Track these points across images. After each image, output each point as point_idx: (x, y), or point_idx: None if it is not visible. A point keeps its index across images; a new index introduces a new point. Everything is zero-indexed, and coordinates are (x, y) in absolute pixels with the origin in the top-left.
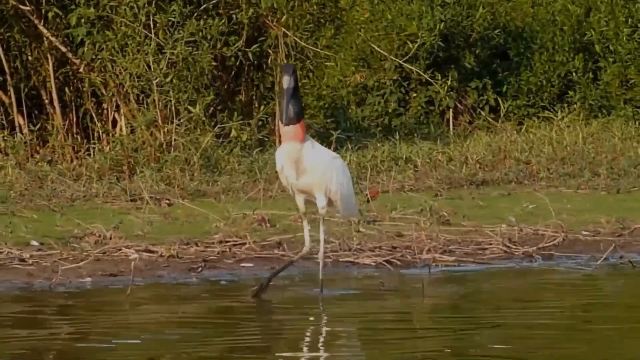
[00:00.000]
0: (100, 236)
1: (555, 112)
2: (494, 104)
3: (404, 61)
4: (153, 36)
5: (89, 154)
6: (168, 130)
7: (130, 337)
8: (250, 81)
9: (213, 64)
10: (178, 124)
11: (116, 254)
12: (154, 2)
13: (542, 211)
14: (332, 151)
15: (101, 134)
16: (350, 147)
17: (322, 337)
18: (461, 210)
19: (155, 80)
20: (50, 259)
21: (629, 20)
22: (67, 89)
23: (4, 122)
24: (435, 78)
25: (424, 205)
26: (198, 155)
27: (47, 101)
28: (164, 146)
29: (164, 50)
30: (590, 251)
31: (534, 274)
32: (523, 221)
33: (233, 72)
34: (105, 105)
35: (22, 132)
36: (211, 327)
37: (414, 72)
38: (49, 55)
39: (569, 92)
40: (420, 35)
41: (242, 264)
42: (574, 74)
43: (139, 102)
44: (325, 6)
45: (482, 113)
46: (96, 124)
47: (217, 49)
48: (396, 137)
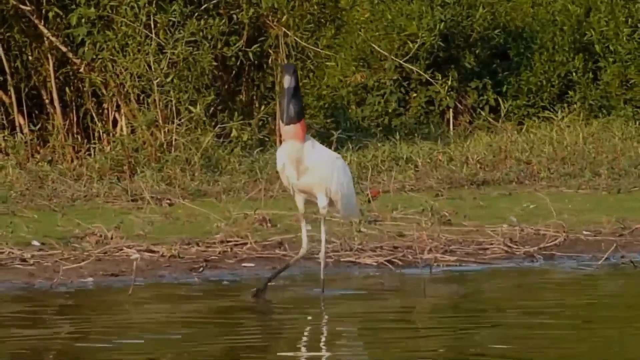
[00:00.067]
0: (101, 236)
1: (555, 112)
2: (494, 104)
3: (404, 61)
4: (154, 36)
5: (89, 154)
6: (169, 130)
7: (132, 337)
8: (251, 81)
9: (214, 63)
10: (179, 124)
11: (117, 254)
12: (155, 2)
13: (543, 211)
14: (333, 151)
15: (102, 133)
16: (351, 147)
17: (323, 336)
18: (462, 210)
19: (156, 80)
20: (52, 259)
21: (629, 20)
22: (67, 89)
23: (5, 122)
24: (435, 78)
25: (425, 205)
26: (199, 155)
27: (47, 101)
28: (165, 146)
29: (164, 50)
30: (592, 251)
31: (535, 274)
32: (524, 221)
33: (234, 72)
34: (105, 105)
35: (22, 132)
36: (212, 326)
37: (414, 72)
38: (49, 55)
39: (569, 92)
40: (421, 35)
41: (244, 264)
42: (574, 74)
43: (139, 102)
44: (325, 6)
45: (482, 113)
46: (97, 123)
47: (217, 48)
48: (396, 137)
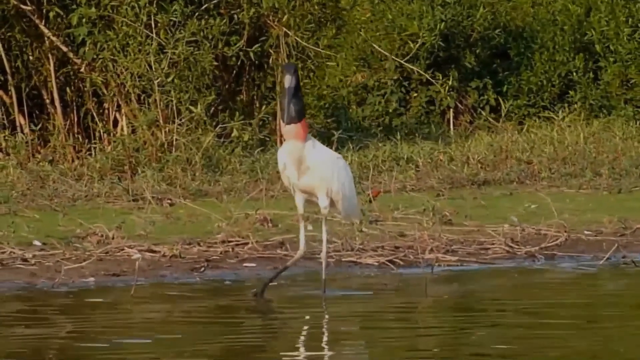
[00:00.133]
0: (102, 236)
1: (555, 112)
2: (495, 103)
3: (405, 61)
4: (154, 36)
5: (90, 154)
6: (169, 130)
7: (133, 337)
8: (252, 81)
9: (214, 63)
10: (179, 124)
11: (119, 254)
12: (155, 1)
13: (544, 211)
14: (334, 151)
15: (102, 133)
16: (352, 147)
17: (325, 336)
18: (463, 210)
19: (157, 80)
20: (53, 258)
21: (630, 20)
22: (68, 89)
23: (5, 122)
24: (435, 78)
25: (426, 205)
26: (199, 155)
27: (48, 101)
28: (166, 146)
29: (165, 50)
30: (593, 251)
31: (536, 274)
32: (525, 221)
33: (234, 72)
34: (106, 105)
35: (23, 132)
36: (213, 326)
37: (414, 72)
38: (50, 55)
39: (570, 92)
40: (422, 35)
41: (245, 264)
42: (574, 73)
43: (140, 102)
44: (326, 6)
45: (483, 113)
46: (97, 123)
47: (218, 48)
48: (397, 137)
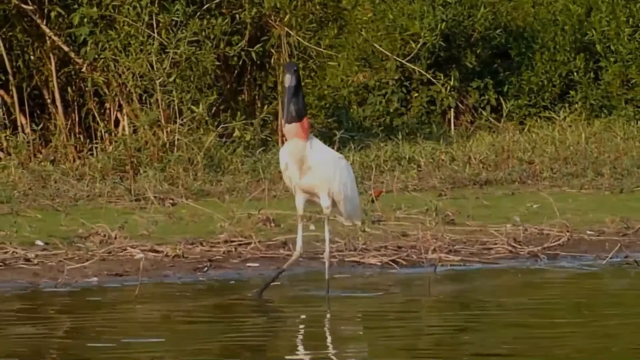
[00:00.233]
0: (105, 236)
1: (556, 112)
2: (495, 103)
3: (406, 61)
4: (156, 36)
5: (91, 154)
6: (171, 130)
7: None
8: (253, 81)
9: (216, 63)
10: (181, 124)
11: (121, 253)
12: (157, 1)
13: (546, 211)
14: (336, 152)
15: (103, 133)
16: (353, 147)
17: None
18: (465, 210)
19: (158, 80)
20: (56, 258)
21: (630, 20)
22: (69, 89)
23: (7, 122)
24: (436, 78)
25: (429, 205)
26: (201, 155)
27: (49, 101)
28: (167, 146)
29: (167, 50)
30: (595, 251)
31: (539, 274)
32: (527, 221)
33: (236, 72)
34: (107, 105)
35: (24, 131)
36: (216, 326)
37: (416, 71)
38: (51, 55)
39: (570, 91)
40: (423, 35)
41: (248, 264)
42: (575, 73)
43: (141, 102)
44: (327, 6)
45: (484, 113)
46: (99, 123)
47: (220, 48)
48: (398, 137)
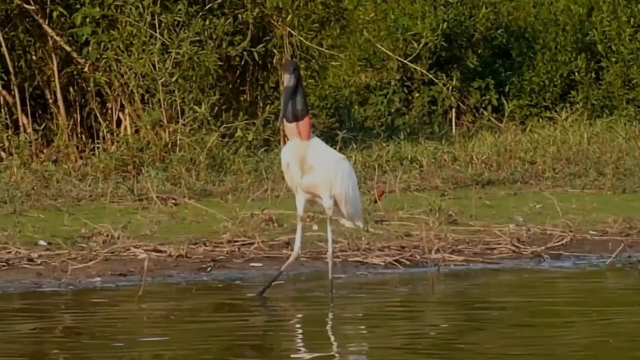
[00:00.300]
0: (108, 236)
1: (557, 112)
2: (496, 103)
3: (408, 61)
4: (158, 35)
5: (93, 154)
6: (173, 130)
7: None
8: (255, 81)
9: (218, 63)
10: (183, 124)
11: (125, 253)
12: (159, 1)
13: (549, 211)
14: (338, 152)
15: (105, 133)
16: (355, 147)
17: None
18: (468, 210)
19: (161, 80)
20: (59, 258)
21: (631, 20)
22: (71, 89)
23: (8, 122)
24: (438, 78)
25: (432, 205)
26: (204, 155)
27: (51, 101)
28: (169, 146)
29: (169, 50)
30: (599, 251)
31: (542, 274)
32: (530, 221)
33: (238, 72)
34: (109, 105)
35: (26, 131)
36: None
37: (417, 71)
38: (53, 55)
39: (572, 92)
40: (425, 35)
41: (252, 264)
42: (576, 73)
43: (143, 102)
44: (329, 6)
45: (485, 113)
46: (101, 123)
47: (222, 48)
48: (400, 137)
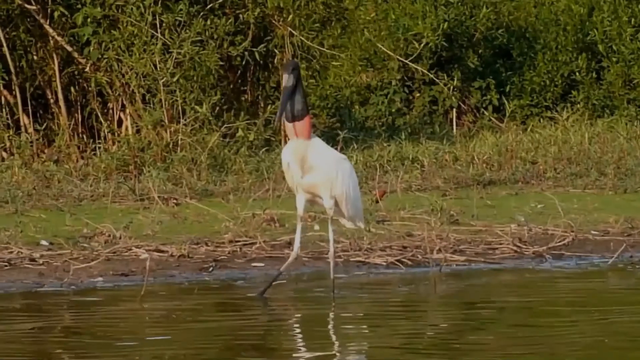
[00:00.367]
0: (110, 236)
1: (558, 112)
2: (497, 103)
3: (409, 61)
4: (159, 36)
5: (94, 154)
6: (174, 130)
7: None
8: (257, 81)
9: (219, 63)
10: (184, 124)
11: (127, 253)
12: (161, 1)
13: (550, 211)
14: (339, 152)
15: (107, 133)
16: (356, 147)
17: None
18: (470, 210)
19: (162, 80)
20: (61, 258)
21: (632, 20)
22: (72, 89)
23: (10, 122)
24: (439, 78)
25: (434, 205)
26: (205, 155)
27: (52, 101)
28: (171, 146)
29: (170, 50)
30: (600, 251)
31: (544, 274)
32: (532, 221)
33: (239, 72)
34: (110, 105)
35: (27, 131)
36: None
37: (418, 71)
38: (54, 55)
39: (572, 91)
40: (426, 35)
41: (253, 264)
42: (577, 73)
43: (145, 102)
44: (330, 6)
45: (486, 113)
46: (102, 123)
47: (223, 48)
48: (401, 137)
